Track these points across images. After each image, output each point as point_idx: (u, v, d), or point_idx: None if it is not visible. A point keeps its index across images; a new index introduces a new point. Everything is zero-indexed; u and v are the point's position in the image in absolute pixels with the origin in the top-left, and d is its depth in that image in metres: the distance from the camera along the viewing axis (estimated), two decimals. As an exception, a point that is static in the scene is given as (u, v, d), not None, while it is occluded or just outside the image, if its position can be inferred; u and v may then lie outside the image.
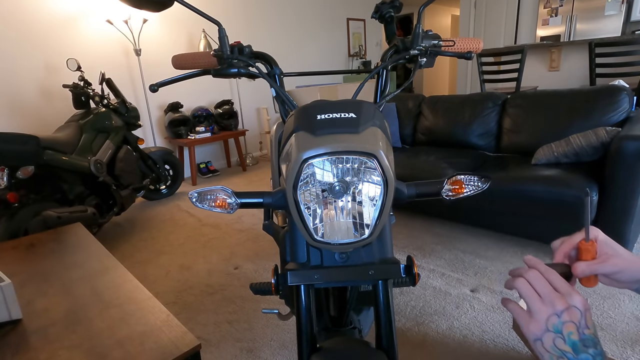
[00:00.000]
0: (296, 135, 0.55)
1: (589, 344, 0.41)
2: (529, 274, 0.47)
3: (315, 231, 0.56)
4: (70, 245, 1.37)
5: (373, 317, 0.68)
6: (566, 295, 0.44)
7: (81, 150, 2.44)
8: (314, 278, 0.61)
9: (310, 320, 0.63)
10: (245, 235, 2.55)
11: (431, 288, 1.79)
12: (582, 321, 0.42)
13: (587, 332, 0.42)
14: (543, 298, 0.45)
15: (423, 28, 0.73)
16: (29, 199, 2.17)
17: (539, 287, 0.45)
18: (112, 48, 3.51)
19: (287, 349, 1.47)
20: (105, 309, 0.96)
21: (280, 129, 1.11)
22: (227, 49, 0.73)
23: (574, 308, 0.43)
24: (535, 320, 0.44)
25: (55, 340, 0.85)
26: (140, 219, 3.03)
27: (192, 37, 4.03)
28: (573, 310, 0.42)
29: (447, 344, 1.44)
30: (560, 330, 0.42)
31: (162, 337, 0.84)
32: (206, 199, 0.59)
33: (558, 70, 4.67)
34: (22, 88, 3.08)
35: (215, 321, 1.67)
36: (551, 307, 0.43)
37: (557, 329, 0.42)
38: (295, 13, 4.96)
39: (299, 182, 0.53)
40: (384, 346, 0.63)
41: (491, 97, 2.63)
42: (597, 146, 1.92)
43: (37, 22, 3.07)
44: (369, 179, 0.54)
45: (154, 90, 0.74)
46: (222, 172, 4.32)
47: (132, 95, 3.69)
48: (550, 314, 0.43)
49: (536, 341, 0.44)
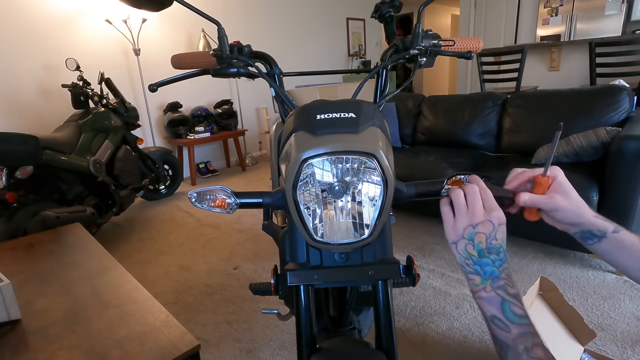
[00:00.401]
0: (296, 135, 0.55)
1: (492, 252, 0.49)
2: (467, 188, 0.53)
3: (314, 231, 0.56)
4: (70, 246, 1.36)
5: (373, 318, 0.67)
6: (488, 211, 0.50)
7: (80, 150, 2.43)
8: (314, 278, 0.61)
9: (310, 320, 0.63)
10: (244, 236, 2.54)
11: (431, 288, 1.79)
12: (492, 234, 0.49)
13: (493, 243, 0.49)
14: (469, 210, 0.51)
15: (423, 27, 0.73)
16: (27, 199, 2.16)
17: (469, 200, 0.51)
18: (111, 48, 3.50)
19: (286, 350, 1.47)
20: (105, 309, 0.96)
21: (280, 128, 1.11)
22: (226, 48, 0.73)
23: (489, 222, 0.49)
24: (456, 227, 0.52)
25: (55, 341, 0.85)
26: (139, 219, 3.03)
27: (191, 36, 4.03)
28: (487, 224, 0.49)
29: (447, 344, 1.44)
30: (472, 238, 0.50)
31: (161, 337, 0.83)
32: (205, 199, 0.59)
33: (558, 70, 4.67)
34: (21, 88, 3.07)
35: (214, 321, 1.67)
36: (470, 219, 0.50)
37: (471, 237, 0.50)
38: (295, 12, 4.95)
39: (299, 182, 0.53)
40: (383, 347, 0.62)
41: (491, 97, 2.63)
42: (597, 146, 1.92)
43: (36, 22, 3.06)
44: (369, 179, 0.54)
45: (153, 90, 0.74)
46: (221, 172, 4.32)
47: (131, 95, 3.69)
48: (468, 224, 0.50)
49: (452, 244, 0.52)
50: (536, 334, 0.46)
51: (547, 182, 0.54)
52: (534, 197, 0.53)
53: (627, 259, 0.53)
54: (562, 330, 1.22)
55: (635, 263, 0.53)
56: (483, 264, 0.49)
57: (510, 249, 2.07)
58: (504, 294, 0.48)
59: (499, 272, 0.49)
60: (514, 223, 2.03)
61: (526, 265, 1.91)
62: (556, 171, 0.55)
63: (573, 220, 0.53)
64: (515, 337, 0.46)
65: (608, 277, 1.76)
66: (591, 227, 0.54)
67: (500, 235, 0.49)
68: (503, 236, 0.50)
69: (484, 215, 0.50)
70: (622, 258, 0.54)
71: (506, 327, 0.47)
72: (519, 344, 0.45)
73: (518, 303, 0.48)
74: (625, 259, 0.54)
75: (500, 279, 0.49)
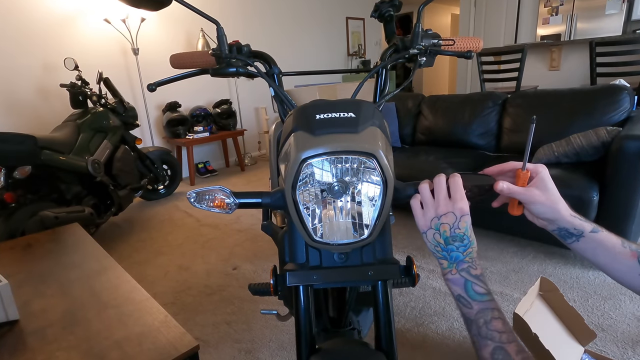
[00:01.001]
0: (295, 135, 0.55)
1: (456, 239, 0.54)
2: (435, 178, 0.56)
3: (314, 231, 0.55)
4: (68, 246, 1.36)
5: (372, 318, 0.67)
6: (452, 203, 0.54)
7: (79, 150, 2.43)
8: (313, 279, 0.61)
9: (309, 321, 0.62)
10: (244, 236, 2.54)
11: (431, 289, 1.79)
12: (455, 224, 0.54)
13: (457, 232, 0.54)
14: (435, 202, 0.55)
15: (423, 27, 0.73)
16: (26, 199, 2.16)
17: (435, 193, 0.56)
18: (109, 47, 3.49)
19: (286, 350, 1.47)
20: (103, 310, 0.95)
21: (279, 128, 1.10)
22: (225, 48, 0.72)
23: (451, 214, 0.54)
24: (424, 218, 0.56)
25: (53, 341, 0.84)
26: (138, 219, 3.02)
27: (190, 36, 4.02)
28: (450, 215, 0.54)
29: (447, 344, 1.43)
30: (438, 228, 0.55)
31: (160, 338, 0.83)
32: (204, 199, 0.58)
33: (558, 69, 4.65)
34: (20, 87, 3.06)
35: (213, 322, 1.67)
36: (435, 211, 0.55)
37: (437, 227, 0.55)
38: (294, 12, 4.95)
39: (298, 182, 0.53)
40: (383, 347, 0.62)
41: (491, 97, 2.62)
42: (597, 146, 1.91)
43: (35, 21, 3.05)
44: (368, 179, 0.53)
45: (152, 89, 0.73)
46: (220, 172, 4.32)
47: (129, 94, 3.68)
48: (434, 216, 0.55)
49: (423, 233, 0.57)
50: (496, 309, 0.51)
51: (526, 175, 0.56)
52: (511, 186, 0.56)
53: (607, 259, 0.56)
54: (563, 330, 1.22)
55: (615, 263, 0.55)
56: (449, 250, 0.55)
57: (510, 250, 2.07)
58: (467, 275, 0.53)
59: (462, 256, 0.54)
60: (516, 224, 2.04)
61: (526, 266, 1.91)
62: (540, 168, 0.56)
63: (549, 215, 0.56)
64: (476, 312, 0.51)
65: (608, 277, 1.76)
66: (567, 226, 0.56)
67: (462, 224, 0.54)
68: (466, 225, 0.54)
69: (447, 207, 0.54)
70: (601, 258, 0.56)
71: (469, 304, 0.52)
72: (479, 318, 0.51)
73: (480, 283, 0.53)
74: (605, 258, 0.56)
75: (464, 262, 0.54)
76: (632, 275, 0.55)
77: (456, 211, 0.54)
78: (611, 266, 0.56)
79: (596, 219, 1.78)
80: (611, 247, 0.55)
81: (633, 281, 0.55)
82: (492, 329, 0.49)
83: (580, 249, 0.57)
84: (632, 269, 0.54)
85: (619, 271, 0.55)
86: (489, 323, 0.50)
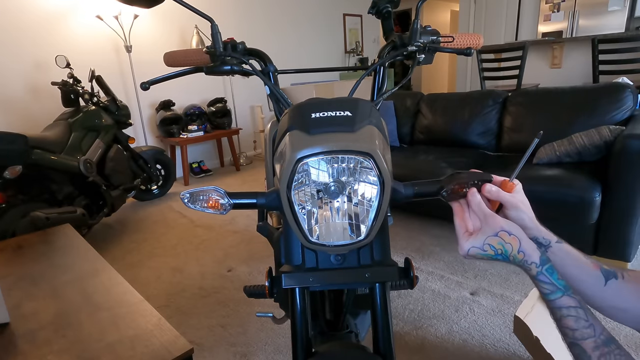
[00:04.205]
0: (290, 134, 0.54)
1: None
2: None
3: (310, 232, 0.55)
4: (59, 247, 1.34)
5: (370, 321, 0.67)
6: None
7: (70, 149, 2.40)
8: (309, 281, 0.60)
9: (306, 324, 0.62)
10: (239, 237, 2.52)
11: (430, 291, 1.78)
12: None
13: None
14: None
15: (421, 23, 0.72)
16: (16, 199, 2.13)
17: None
18: (102, 44, 3.46)
19: (281, 354, 1.46)
20: (95, 313, 0.94)
21: (275, 127, 1.09)
22: (220, 45, 0.72)
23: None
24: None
25: (44, 345, 0.83)
26: (131, 220, 2.99)
27: (184, 33, 3.99)
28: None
29: (446, 348, 1.43)
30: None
31: (153, 341, 0.82)
32: (198, 199, 0.58)
33: (560, 67, 4.60)
34: (10, 85, 3.02)
35: (208, 325, 1.65)
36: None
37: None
38: (290, 9, 4.93)
39: (293, 182, 0.52)
40: (381, 351, 0.62)
41: (491, 95, 2.60)
42: (600, 145, 1.89)
43: (25, 18, 3.01)
44: (365, 179, 0.53)
45: (145, 88, 0.73)
46: (215, 172, 4.29)
47: (122, 93, 3.65)
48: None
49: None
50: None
51: (512, 185, 0.57)
52: (500, 189, 0.56)
53: (574, 270, 0.56)
54: (562, 332, 1.21)
55: (583, 274, 0.56)
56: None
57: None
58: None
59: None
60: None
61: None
62: (516, 180, 0.58)
63: (526, 222, 0.56)
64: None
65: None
66: (537, 235, 0.56)
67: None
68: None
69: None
70: (569, 269, 0.56)
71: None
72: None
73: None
74: (573, 269, 0.56)
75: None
76: (598, 288, 0.55)
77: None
78: (579, 278, 0.56)
79: (599, 220, 1.76)
80: (577, 257, 0.56)
81: (599, 294, 0.55)
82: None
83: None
84: (597, 280, 0.55)
85: (586, 283, 0.55)
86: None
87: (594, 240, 1.80)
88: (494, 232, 0.52)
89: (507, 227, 0.52)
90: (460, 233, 0.56)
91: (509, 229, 0.52)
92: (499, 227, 0.52)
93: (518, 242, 0.51)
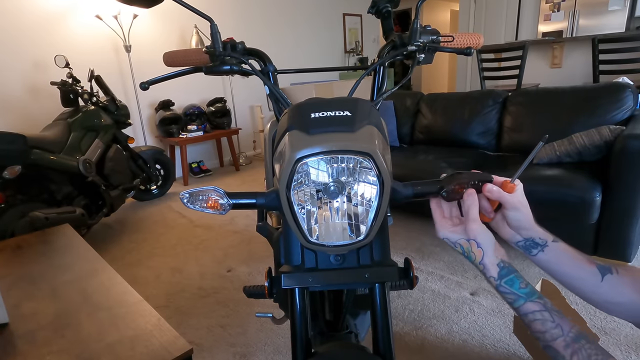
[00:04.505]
0: (289, 134, 0.54)
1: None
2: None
3: (309, 233, 0.54)
4: (59, 247, 1.34)
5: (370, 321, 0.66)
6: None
7: (69, 149, 2.39)
8: (309, 281, 0.60)
9: (305, 324, 0.62)
10: (238, 237, 2.52)
11: (430, 291, 1.78)
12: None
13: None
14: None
15: (421, 23, 0.72)
16: (15, 199, 2.12)
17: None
18: (101, 44, 3.45)
19: (281, 354, 1.46)
20: (95, 313, 0.94)
21: (274, 127, 1.09)
22: (219, 45, 0.71)
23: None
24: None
25: (43, 345, 0.83)
26: (130, 220, 2.99)
27: (183, 33, 3.99)
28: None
29: (446, 348, 1.42)
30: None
31: (153, 341, 0.82)
32: (198, 199, 0.57)
33: (560, 67, 4.59)
34: (9, 85, 3.01)
35: (207, 325, 1.65)
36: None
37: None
38: (290, 8, 4.93)
39: (293, 182, 0.52)
40: (381, 351, 0.62)
41: (491, 95, 2.59)
42: (600, 145, 1.88)
43: (25, 17, 3.00)
44: (365, 179, 0.52)
45: (144, 88, 0.72)
46: (214, 172, 4.29)
47: (122, 92, 3.64)
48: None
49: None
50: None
51: (512, 187, 0.57)
52: (500, 190, 0.57)
53: (571, 268, 0.57)
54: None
55: (580, 272, 0.56)
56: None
57: (511, 252, 2.03)
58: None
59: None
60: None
61: (527, 268, 1.90)
62: (517, 181, 0.59)
63: (524, 223, 0.57)
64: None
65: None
66: (534, 235, 0.58)
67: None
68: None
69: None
70: (566, 267, 0.57)
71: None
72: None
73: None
74: (570, 268, 0.57)
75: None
76: (595, 284, 0.55)
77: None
78: (576, 276, 0.57)
79: (599, 220, 1.75)
80: (573, 255, 0.57)
81: (596, 290, 0.56)
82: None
83: (545, 260, 0.58)
84: (594, 277, 0.55)
85: (583, 280, 0.56)
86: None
87: (594, 240, 1.80)
88: (467, 237, 0.56)
89: (478, 238, 0.55)
90: (438, 218, 0.60)
91: (479, 241, 0.55)
92: (472, 236, 0.55)
93: (482, 255, 0.55)
